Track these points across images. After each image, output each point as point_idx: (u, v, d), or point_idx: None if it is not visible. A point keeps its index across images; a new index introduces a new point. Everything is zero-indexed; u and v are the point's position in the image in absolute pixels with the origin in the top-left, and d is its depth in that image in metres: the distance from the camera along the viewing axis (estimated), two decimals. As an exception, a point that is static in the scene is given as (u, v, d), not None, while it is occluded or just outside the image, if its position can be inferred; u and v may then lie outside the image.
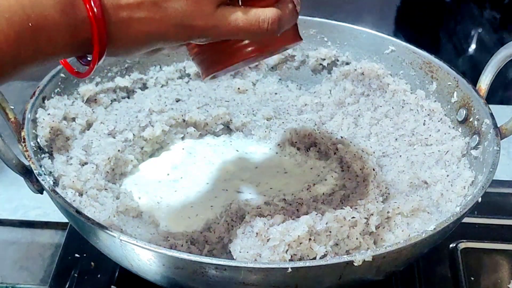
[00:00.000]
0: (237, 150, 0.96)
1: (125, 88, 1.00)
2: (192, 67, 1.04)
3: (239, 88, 1.04)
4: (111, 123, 0.92)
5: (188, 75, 1.05)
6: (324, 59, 1.05)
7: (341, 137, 0.93)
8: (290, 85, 1.07)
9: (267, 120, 0.99)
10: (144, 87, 1.02)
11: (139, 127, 0.92)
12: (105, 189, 0.83)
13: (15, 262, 0.94)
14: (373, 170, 0.86)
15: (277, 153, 0.95)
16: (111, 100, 0.98)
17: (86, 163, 0.85)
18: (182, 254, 0.67)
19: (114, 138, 0.90)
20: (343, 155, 0.90)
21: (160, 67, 1.03)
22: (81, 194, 0.81)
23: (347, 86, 1.02)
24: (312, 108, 1.02)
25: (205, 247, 0.77)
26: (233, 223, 0.78)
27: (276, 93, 1.06)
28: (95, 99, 0.96)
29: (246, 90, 1.05)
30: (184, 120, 0.96)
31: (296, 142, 0.95)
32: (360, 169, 0.87)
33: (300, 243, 0.73)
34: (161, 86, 1.03)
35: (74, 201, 0.79)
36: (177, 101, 0.99)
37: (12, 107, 0.81)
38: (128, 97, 1.00)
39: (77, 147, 0.87)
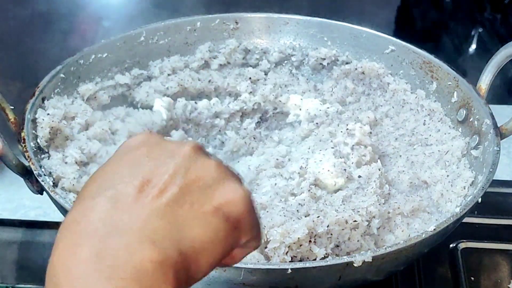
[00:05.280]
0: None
1: (126, 85, 0.99)
2: (195, 62, 1.03)
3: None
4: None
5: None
6: (324, 59, 1.05)
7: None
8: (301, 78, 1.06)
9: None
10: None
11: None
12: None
13: (15, 262, 0.94)
14: (379, 170, 0.86)
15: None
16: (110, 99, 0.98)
17: (87, 163, 0.85)
18: (182, 254, 0.67)
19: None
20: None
21: (161, 61, 1.02)
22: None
23: (348, 85, 1.02)
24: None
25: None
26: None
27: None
28: (95, 97, 0.95)
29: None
30: None
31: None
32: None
33: (300, 245, 0.72)
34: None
35: (74, 201, 0.78)
36: None
37: (12, 107, 0.81)
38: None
39: (74, 147, 0.87)
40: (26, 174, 0.80)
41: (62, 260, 0.43)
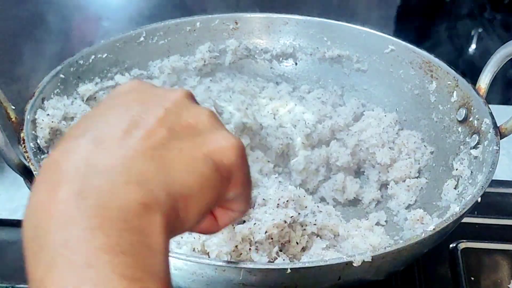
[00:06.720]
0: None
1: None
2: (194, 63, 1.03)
3: None
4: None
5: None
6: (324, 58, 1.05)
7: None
8: None
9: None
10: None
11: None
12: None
13: (15, 262, 0.94)
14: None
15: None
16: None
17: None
18: (181, 255, 0.67)
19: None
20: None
21: (161, 61, 1.02)
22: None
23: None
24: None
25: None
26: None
27: None
28: (95, 97, 0.95)
29: None
30: None
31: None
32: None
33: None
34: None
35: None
36: None
37: (13, 107, 0.81)
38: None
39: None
40: (27, 174, 0.80)
41: (42, 200, 0.40)
